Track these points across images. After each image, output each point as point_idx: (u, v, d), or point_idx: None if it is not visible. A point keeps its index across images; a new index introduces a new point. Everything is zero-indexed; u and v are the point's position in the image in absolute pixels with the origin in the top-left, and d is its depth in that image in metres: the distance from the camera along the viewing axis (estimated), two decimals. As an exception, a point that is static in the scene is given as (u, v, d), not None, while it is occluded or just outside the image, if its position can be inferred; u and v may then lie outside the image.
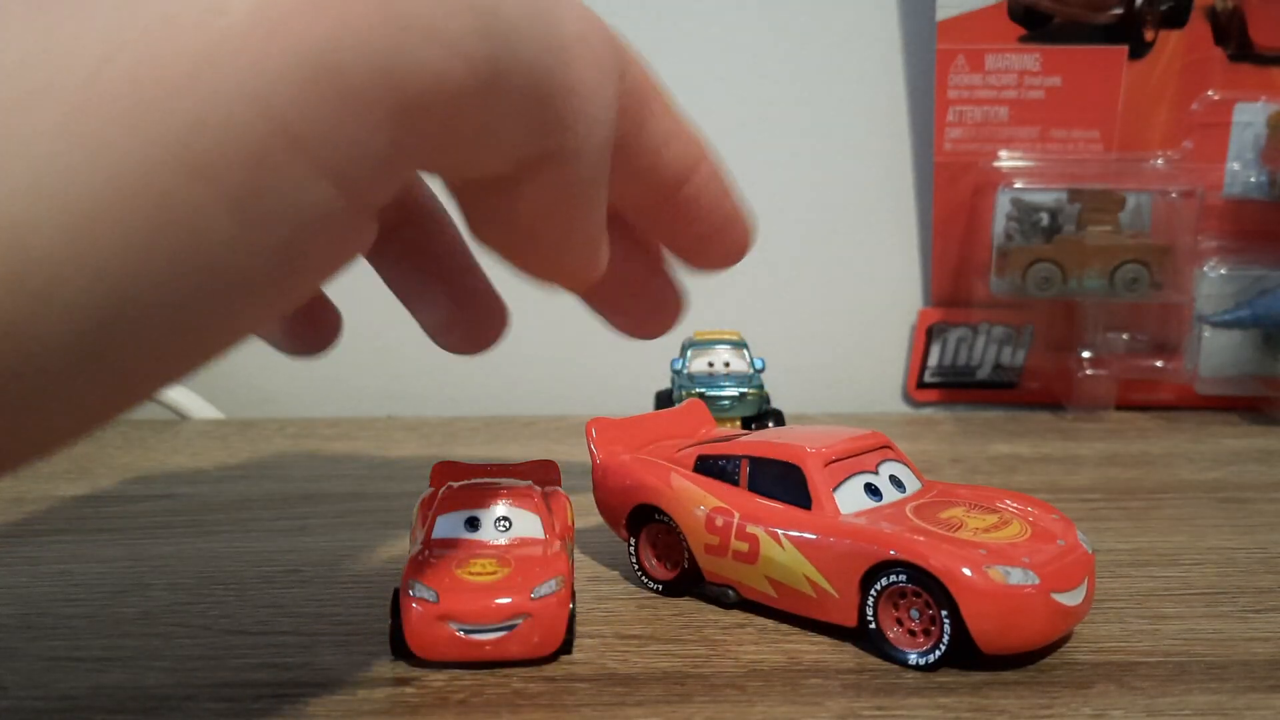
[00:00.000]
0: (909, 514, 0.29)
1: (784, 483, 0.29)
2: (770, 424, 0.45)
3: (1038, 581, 0.26)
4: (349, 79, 0.16)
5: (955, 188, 0.57)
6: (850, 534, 0.27)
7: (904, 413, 0.60)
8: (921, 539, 0.26)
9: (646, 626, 0.29)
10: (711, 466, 0.31)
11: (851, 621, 0.28)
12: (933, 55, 0.56)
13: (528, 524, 0.29)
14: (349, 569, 0.34)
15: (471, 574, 0.27)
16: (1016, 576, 0.25)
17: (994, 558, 0.26)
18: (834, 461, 0.29)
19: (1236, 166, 0.56)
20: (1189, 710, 0.25)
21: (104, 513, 0.40)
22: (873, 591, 0.27)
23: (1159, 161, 0.56)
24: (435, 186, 0.24)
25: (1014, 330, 0.58)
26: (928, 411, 0.60)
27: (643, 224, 0.28)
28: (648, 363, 0.58)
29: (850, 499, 0.29)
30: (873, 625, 0.27)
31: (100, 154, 0.15)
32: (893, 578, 0.26)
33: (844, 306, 0.60)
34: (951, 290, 0.59)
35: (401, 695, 0.25)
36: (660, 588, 0.32)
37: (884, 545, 0.27)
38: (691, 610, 0.30)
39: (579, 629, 0.29)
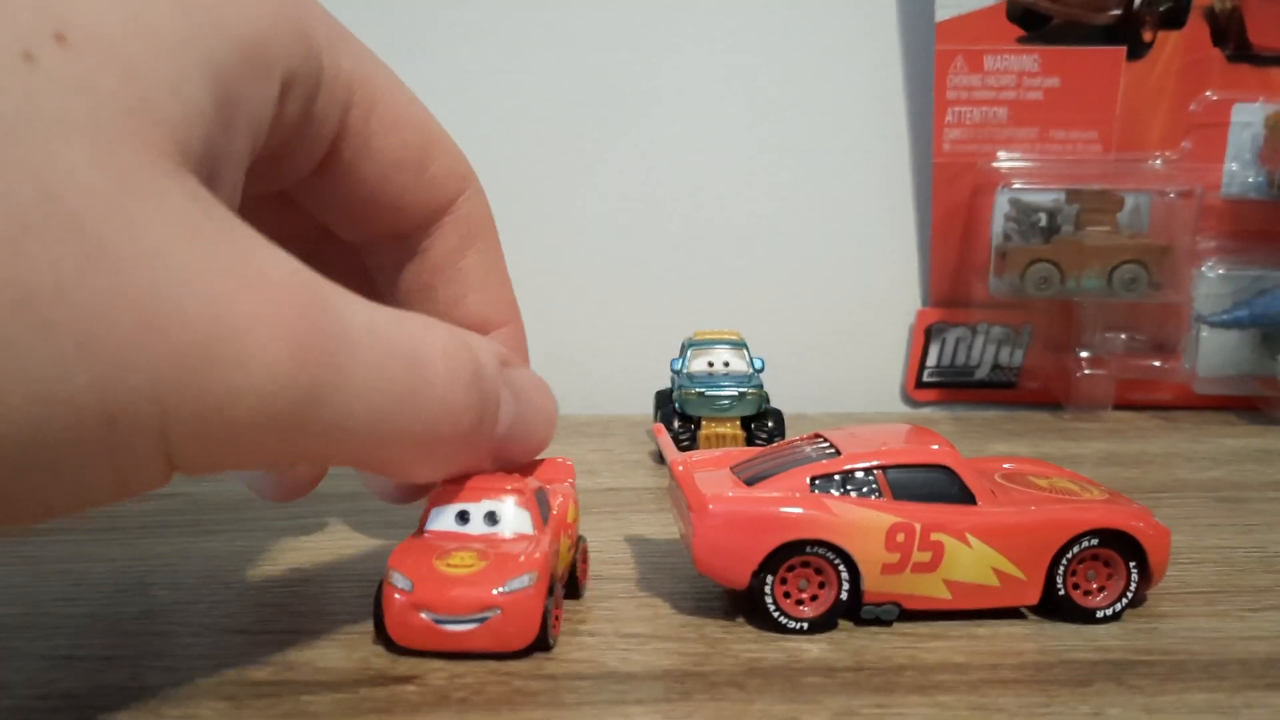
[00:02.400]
0: (1037, 489, 0.32)
1: (933, 486, 0.30)
2: (770, 423, 0.45)
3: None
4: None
5: (954, 188, 0.57)
6: (1038, 517, 0.30)
7: (903, 412, 0.60)
8: (1089, 508, 0.30)
9: (647, 625, 0.29)
10: (835, 486, 0.30)
11: (1034, 600, 0.30)
12: (931, 56, 0.56)
13: (518, 520, 0.29)
14: (349, 569, 0.34)
15: (450, 566, 0.27)
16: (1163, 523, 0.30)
17: (1146, 511, 0.30)
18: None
19: (1235, 167, 0.56)
20: (1186, 708, 0.25)
21: (105, 512, 0.40)
22: (1063, 563, 0.30)
23: (1157, 162, 0.56)
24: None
25: (1012, 330, 0.59)
26: (926, 411, 0.60)
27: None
28: (648, 363, 0.58)
29: None
30: (1063, 593, 0.30)
31: None
32: (1083, 546, 0.30)
33: (843, 306, 0.60)
34: (950, 290, 0.59)
35: (403, 694, 0.25)
36: (807, 626, 0.29)
37: (1078, 518, 0.30)
38: (691, 609, 0.30)
39: (579, 627, 0.29)
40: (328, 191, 0.28)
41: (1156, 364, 0.56)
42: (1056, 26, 0.55)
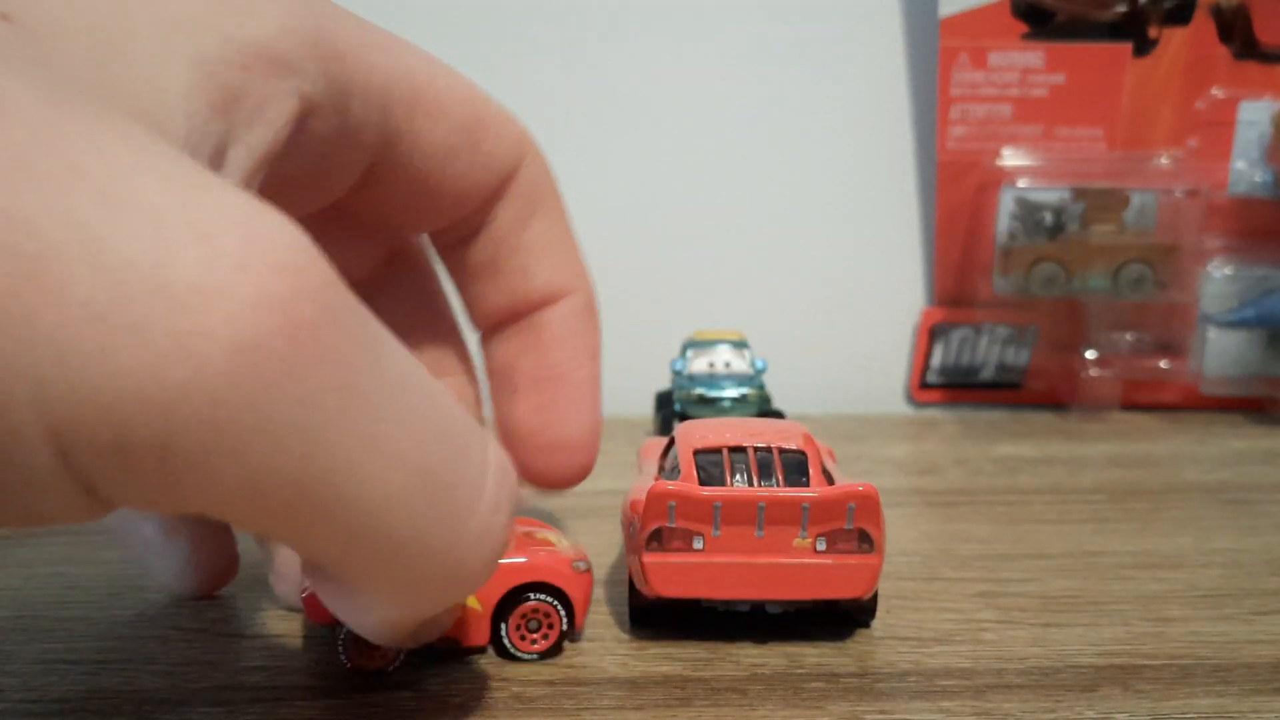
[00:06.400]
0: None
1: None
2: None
3: None
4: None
5: (958, 186, 0.57)
6: None
7: (906, 414, 0.60)
8: None
9: (647, 630, 0.29)
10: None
11: None
12: (935, 53, 0.56)
13: None
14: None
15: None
16: None
17: None
18: None
19: (1241, 165, 0.55)
20: (1193, 713, 0.24)
21: (101, 514, 0.40)
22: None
23: (1163, 160, 0.56)
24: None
25: (1018, 330, 0.58)
26: (930, 412, 0.60)
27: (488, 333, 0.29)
28: (648, 363, 0.58)
29: None
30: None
31: None
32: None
33: (846, 306, 0.60)
34: (954, 289, 0.59)
35: (399, 700, 0.25)
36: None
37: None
38: (692, 614, 0.30)
39: (578, 632, 0.29)
40: (380, 195, 0.26)
41: (1163, 364, 0.56)
42: (1061, 23, 0.54)
